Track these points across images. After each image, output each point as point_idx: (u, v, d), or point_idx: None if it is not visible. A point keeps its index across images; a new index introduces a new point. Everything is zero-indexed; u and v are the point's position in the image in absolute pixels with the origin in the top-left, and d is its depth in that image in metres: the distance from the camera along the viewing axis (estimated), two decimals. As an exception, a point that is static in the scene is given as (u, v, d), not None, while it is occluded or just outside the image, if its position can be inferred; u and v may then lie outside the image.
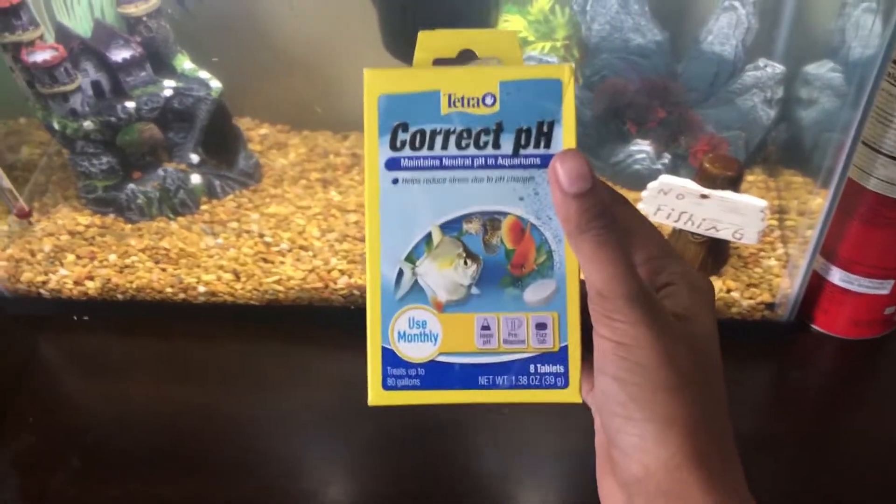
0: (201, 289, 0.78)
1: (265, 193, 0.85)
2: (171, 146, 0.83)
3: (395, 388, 0.36)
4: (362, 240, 0.80)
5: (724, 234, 0.72)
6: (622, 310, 0.32)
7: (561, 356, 0.36)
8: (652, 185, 0.72)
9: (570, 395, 0.36)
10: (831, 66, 0.76)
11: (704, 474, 0.32)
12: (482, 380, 0.36)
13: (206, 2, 0.79)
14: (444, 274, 0.36)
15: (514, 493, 0.67)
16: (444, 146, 0.35)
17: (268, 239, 0.81)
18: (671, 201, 0.72)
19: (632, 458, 0.33)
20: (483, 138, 0.35)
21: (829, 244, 0.71)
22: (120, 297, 0.79)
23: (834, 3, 0.74)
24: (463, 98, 0.35)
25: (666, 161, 0.80)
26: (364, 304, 0.36)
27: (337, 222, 0.82)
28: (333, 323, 0.77)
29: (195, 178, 0.83)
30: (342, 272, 0.78)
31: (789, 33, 0.79)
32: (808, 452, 0.69)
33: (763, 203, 0.69)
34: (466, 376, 0.36)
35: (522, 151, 0.35)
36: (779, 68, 0.78)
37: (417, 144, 0.35)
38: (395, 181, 0.35)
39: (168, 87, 0.79)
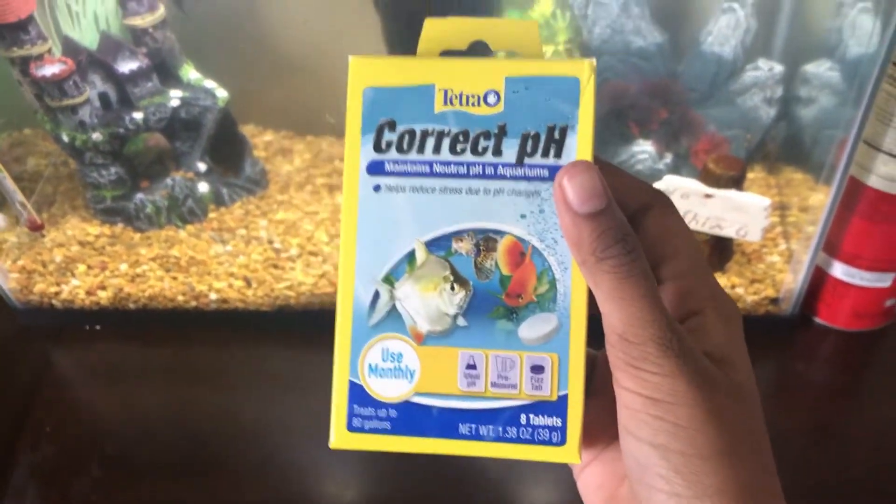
0: (213, 296, 0.79)
1: (272, 200, 0.86)
2: (178, 155, 0.84)
3: (361, 430, 0.31)
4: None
5: (728, 232, 0.73)
6: (652, 358, 0.27)
7: (559, 407, 0.30)
8: (657, 185, 0.73)
9: (567, 454, 0.30)
10: (829, 65, 0.77)
11: None
12: (463, 428, 0.30)
13: (209, 9, 0.80)
14: (426, 299, 0.30)
15: (522, 498, 0.68)
16: (437, 150, 0.30)
17: (277, 245, 0.82)
18: (676, 201, 0.73)
19: None
20: (482, 143, 0.30)
21: (831, 239, 0.73)
22: (132, 305, 0.80)
23: (831, 3, 0.75)
24: (461, 95, 0.30)
25: (668, 161, 0.82)
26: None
27: (345, 227, 0.83)
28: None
29: (203, 186, 0.84)
30: (352, 277, 0.79)
31: (787, 33, 0.80)
32: (812, 444, 0.70)
33: (767, 201, 0.71)
34: (445, 423, 0.30)
35: (528, 161, 0.30)
36: (778, 68, 0.80)
37: (405, 147, 0.30)
38: (377, 188, 0.30)
39: (175, 96, 0.80)
